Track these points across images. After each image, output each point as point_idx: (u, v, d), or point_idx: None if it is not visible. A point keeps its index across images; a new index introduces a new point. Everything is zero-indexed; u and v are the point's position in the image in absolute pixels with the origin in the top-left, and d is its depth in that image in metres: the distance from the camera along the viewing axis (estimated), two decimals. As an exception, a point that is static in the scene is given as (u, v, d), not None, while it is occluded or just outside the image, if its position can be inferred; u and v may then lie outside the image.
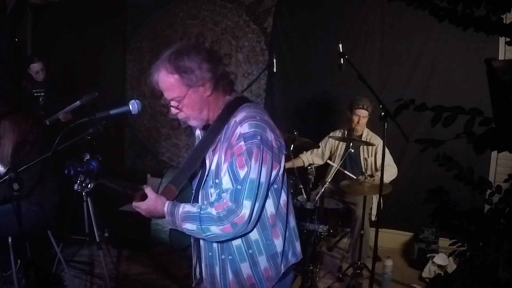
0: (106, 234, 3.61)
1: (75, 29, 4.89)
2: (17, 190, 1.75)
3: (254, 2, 4.32)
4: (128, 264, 3.53)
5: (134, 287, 3.17)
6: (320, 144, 3.67)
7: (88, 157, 1.43)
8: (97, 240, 3.16)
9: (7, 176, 1.73)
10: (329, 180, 3.23)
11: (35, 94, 4.05)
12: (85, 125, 1.65)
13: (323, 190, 3.08)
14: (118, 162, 5.02)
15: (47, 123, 3.44)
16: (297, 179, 3.22)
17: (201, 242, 1.49)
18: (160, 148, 4.92)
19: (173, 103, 1.42)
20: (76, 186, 1.41)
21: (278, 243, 1.45)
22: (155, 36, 4.75)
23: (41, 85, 4.06)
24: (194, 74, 1.36)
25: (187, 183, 1.48)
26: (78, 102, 3.60)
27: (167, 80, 1.38)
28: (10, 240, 2.51)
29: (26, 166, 1.80)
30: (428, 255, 3.47)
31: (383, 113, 2.45)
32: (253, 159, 1.31)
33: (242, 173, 1.32)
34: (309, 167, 3.10)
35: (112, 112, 1.59)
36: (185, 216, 1.36)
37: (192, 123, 1.47)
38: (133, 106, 1.59)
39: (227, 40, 4.47)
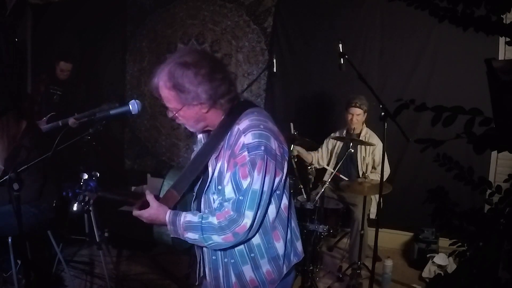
0: (106, 234, 3.61)
1: (75, 29, 4.89)
2: (17, 190, 1.75)
3: (254, 2, 4.32)
4: (128, 264, 3.53)
5: (134, 287, 3.17)
6: (322, 145, 3.69)
7: (86, 177, 1.43)
8: (97, 240, 3.16)
9: (7, 176, 1.73)
10: (329, 180, 3.23)
11: (51, 91, 4.06)
12: (85, 125, 1.65)
13: (323, 190, 3.08)
14: (118, 162, 5.02)
15: (53, 125, 3.44)
16: (297, 179, 3.22)
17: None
18: (160, 148, 4.92)
19: (169, 110, 1.43)
20: (75, 207, 1.43)
21: (280, 246, 1.45)
22: (155, 36, 4.75)
23: (59, 83, 4.09)
24: (191, 95, 1.35)
25: (189, 188, 1.48)
26: (97, 109, 3.60)
27: (164, 92, 1.39)
28: (10, 240, 2.51)
29: (26, 166, 1.80)
30: (428, 255, 3.46)
31: (383, 113, 2.45)
32: (256, 170, 1.30)
33: (245, 183, 1.31)
34: (309, 167, 3.10)
35: (112, 112, 1.59)
36: (187, 226, 1.36)
37: (189, 129, 1.48)
38: (133, 106, 1.59)
39: (227, 40, 4.47)
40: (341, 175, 3.44)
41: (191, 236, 1.36)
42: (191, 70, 1.34)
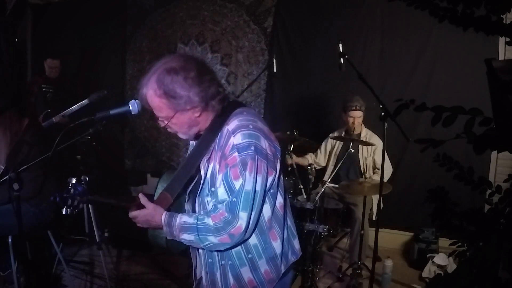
0: (106, 234, 3.61)
1: (75, 29, 4.90)
2: (17, 190, 1.75)
3: (254, 2, 4.32)
4: (128, 264, 3.53)
5: (134, 287, 3.17)
6: (321, 146, 3.69)
7: (74, 182, 1.43)
8: (97, 240, 3.16)
9: (7, 176, 1.73)
10: (329, 180, 3.23)
11: (43, 90, 4.06)
12: (85, 125, 1.65)
13: (323, 190, 3.07)
14: (118, 162, 5.02)
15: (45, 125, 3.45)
16: (297, 179, 3.22)
17: (201, 249, 1.49)
18: (160, 148, 4.92)
19: (161, 119, 1.42)
20: (64, 211, 1.43)
21: (277, 245, 1.45)
22: (155, 36, 4.75)
23: (51, 82, 4.09)
24: (183, 99, 1.34)
25: (182, 190, 1.47)
26: (85, 100, 3.59)
27: (155, 101, 1.37)
28: (10, 240, 2.51)
29: (26, 166, 1.80)
30: (428, 255, 3.46)
31: (383, 113, 2.45)
32: (247, 171, 1.30)
33: (237, 184, 1.31)
34: (309, 167, 3.10)
35: (112, 112, 1.59)
36: (183, 227, 1.36)
37: (182, 136, 1.47)
38: (133, 106, 1.58)
39: (227, 40, 4.47)
40: (331, 185, 3.42)
41: (186, 237, 1.36)
42: (180, 74, 1.33)
